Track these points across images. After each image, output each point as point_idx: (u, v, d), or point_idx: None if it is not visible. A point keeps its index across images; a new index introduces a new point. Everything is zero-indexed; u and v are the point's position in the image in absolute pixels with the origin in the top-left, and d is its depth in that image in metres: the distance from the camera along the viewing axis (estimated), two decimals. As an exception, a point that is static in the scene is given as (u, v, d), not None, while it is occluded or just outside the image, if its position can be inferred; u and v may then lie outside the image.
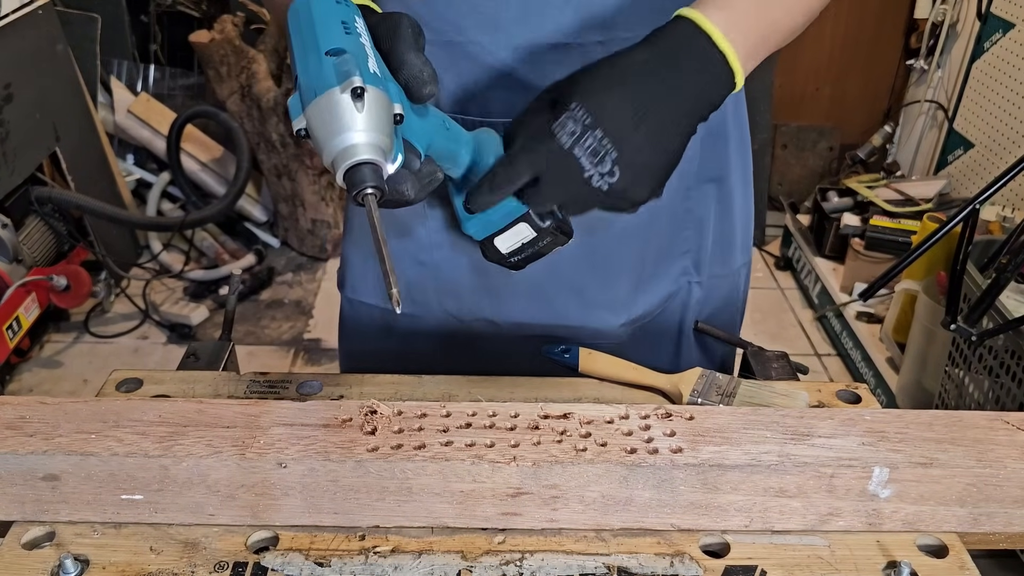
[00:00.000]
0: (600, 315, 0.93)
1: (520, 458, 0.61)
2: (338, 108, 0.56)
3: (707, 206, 0.94)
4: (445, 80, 0.81)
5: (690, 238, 0.95)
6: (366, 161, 0.56)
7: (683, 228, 0.94)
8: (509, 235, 0.72)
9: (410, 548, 0.62)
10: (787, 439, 0.64)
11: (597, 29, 0.77)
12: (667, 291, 0.96)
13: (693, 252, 0.96)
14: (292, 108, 0.58)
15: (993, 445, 0.64)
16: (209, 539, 0.62)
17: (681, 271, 0.96)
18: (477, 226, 0.73)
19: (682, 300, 0.99)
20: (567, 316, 0.93)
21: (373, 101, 0.57)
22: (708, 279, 0.99)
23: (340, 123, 0.56)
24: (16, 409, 0.65)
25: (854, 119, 3.45)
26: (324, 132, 0.56)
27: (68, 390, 2.48)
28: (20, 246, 2.41)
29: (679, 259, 0.96)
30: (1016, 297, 1.76)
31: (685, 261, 0.96)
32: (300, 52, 0.60)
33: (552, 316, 0.93)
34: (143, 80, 3.24)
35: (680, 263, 0.96)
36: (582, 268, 0.90)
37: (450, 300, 0.94)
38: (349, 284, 1.00)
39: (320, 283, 3.05)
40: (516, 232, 0.72)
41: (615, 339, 0.94)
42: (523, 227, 0.72)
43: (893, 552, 0.62)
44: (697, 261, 0.97)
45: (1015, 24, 2.58)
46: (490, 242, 0.73)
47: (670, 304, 0.98)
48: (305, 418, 0.65)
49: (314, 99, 0.56)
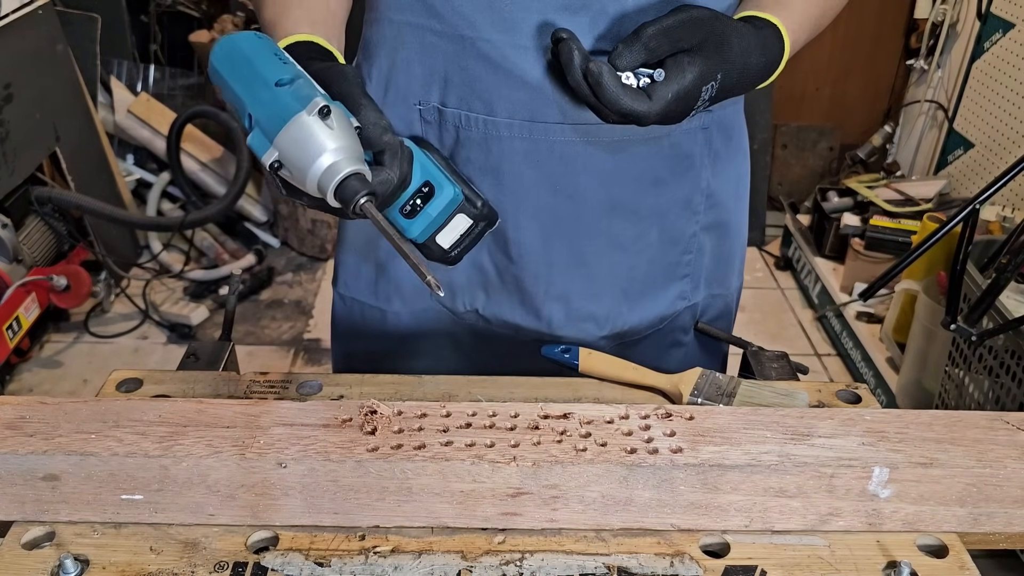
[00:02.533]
0: (583, 325, 0.94)
1: (520, 458, 0.61)
2: (310, 130, 0.57)
3: (708, 230, 0.95)
4: (450, 75, 0.81)
5: (691, 262, 0.95)
6: (353, 173, 0.58)
7: (685, 252, 0.94)
8: (448, 230, 0.76)
9: (410, 548, 0.62)
10: (787, 439, 0.64)
11: (611, 40, 0.78)
12: (660, 312, 0.96)
13: (692, 276, 0.96)
14: (257, 145, 0.59)
15: (993, 445, 0.64)
16: (209, 539, 0.62)
17: (678, 294, 0.97)
18: (419, 228, 0.75)
19: (683, 322, 0.99)
20: (551, 322, 0.93)
21: (337, 116, 0.59)
22: (705, 298, 0.99)
23: (316, 144, 0.57)
24: (16, 409, 0.65)
25: (854, 119, 3.45)
26: (301, 157, 0.57)
27: (68, 390, 2.48)
28: (20, 246, 2.41)
29: (677, 282, 0.96)
30: (1016, 297, 1.76)
31: (683, 285, 0.96)
32: (245, 90, 0.61)
33: (537, 321, 0.93)
34: (143, 80, 3.24)
35: (678, 286, 0.96)
36: (569, 276, 0.91)
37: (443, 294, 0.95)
38: (342, 281, 1.00)
39: (320, 283, 3.05)
40: (454, 226, 0.76)
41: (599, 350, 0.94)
42: (460, 219, 0.75)
43: (893, 552, 0.62)
44: (696, 284, 0.97)
45: (1015, 24, 2.58)
46: (432, 241, 0.76)
47: (668, 326, 0.98)
48: (305, 418, 0.65)
49: (281, 128, 0.57)
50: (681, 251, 0.94)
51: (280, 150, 0.58)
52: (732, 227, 0.98)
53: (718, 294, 1.01)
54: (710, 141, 0.88)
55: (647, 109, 0.67)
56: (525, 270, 0.90)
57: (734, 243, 0.99)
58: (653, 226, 0.89)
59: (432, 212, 0.74)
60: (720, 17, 0.70)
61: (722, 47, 0.69)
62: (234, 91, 0.62)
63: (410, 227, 0.74)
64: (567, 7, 0.76)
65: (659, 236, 0.91)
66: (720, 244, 0.97)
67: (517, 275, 0.90)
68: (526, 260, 0.89)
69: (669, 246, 0.92)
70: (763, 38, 0.74)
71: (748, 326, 2.83)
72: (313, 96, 0.58)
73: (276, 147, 0.58)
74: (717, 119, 0.88)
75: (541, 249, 0.88)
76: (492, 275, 0.92)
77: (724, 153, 0.91)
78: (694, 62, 0.68)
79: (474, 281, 0.93)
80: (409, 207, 0.74)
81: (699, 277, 0.97)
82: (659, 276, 0.94)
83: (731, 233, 0.98)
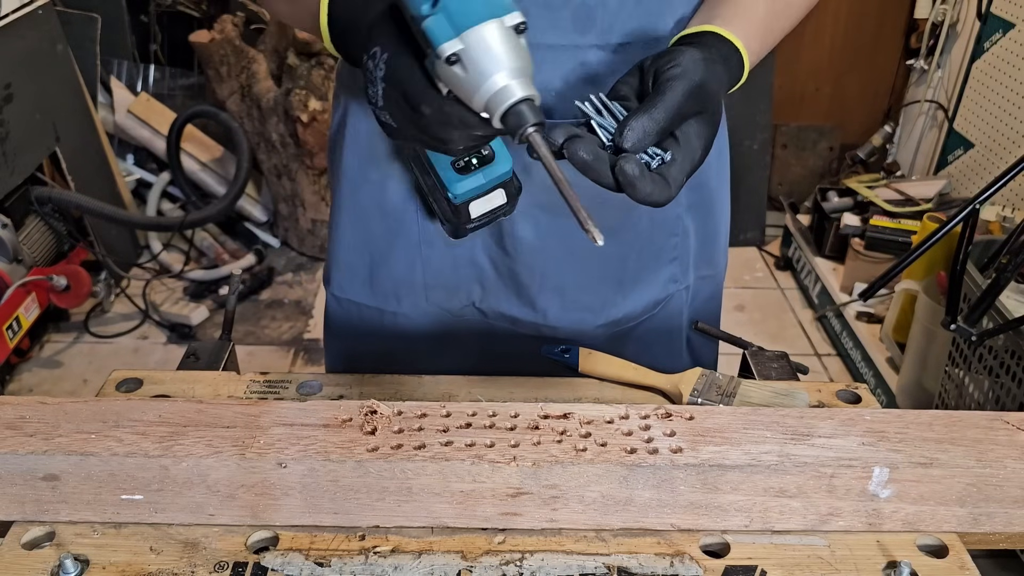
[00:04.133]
0: (579, 315, 0.94)
1: (520, 458, 0.61)
2: (504, 39, 0.53)
3: (692, 211, 0.95)
4: None
5: (678, 244, 0.95)
6: (527, 98, 0.54)
7: (671, 235, 0.94)
8: (484, 200, 0.72)
9: (410, 548, 0.62)
10: (787, 439, 0.64)
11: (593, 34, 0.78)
12: (653, 297, 0.97)
13: (681, 258, 0.96)
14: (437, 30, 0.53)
15: (993, 445, 0.64)
16: (209, 539, 0.62)
17: (669, 277, 0.97)
18: (465, 188, 0.71)
19: (676, 306, 0.99)
20: (547, 314, 0.93)
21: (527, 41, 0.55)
22: (695, 280, 1.00)
23: (503, 56, 0.53)
24: (16, 409, 0.65)
25: (854, 119, 3.45)
26: (483, 62, 0.53)
27: (68, 390, 2.48)
28: (20, 246, 2.41)
29: (667, 266, 0.96)
30: (1016, 297, 1.76)
31: (673, 268, 0.97)
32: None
33: (533, 313, 0.94)
34: (143, 80, 3.24)
35: (668, 270, 0.96)
36: (564, 268, 0.91)
37: (439, 293, 0.95)
38: (336, 282, 0.99)
39: (320, 283, 3.05)
40: (491, 199, 0.72)
41: (595, 340, 0.94)
42: (498, 194, 0.73)
43: (893, 552, 0.62)
44: (685, 266, 0.97)
45: (1015, 24, 2.58)
46: (465, 206, 0.73)
47: (662, 311, 0.98)
48: (305, 418, 0.65)
49: (475, 25, 0.53)
50: (667, 234, 0.94)
51: (466, 45, 0.53)
52: (716, 205, 0.98)
53: (707, 275, 1.01)
54: None
55: (668, 196, 0.63)
56: (521, 263, 0.90)
57: (718, 222, 0.99)
58: (643, 212, 0.89)
59: (483, 177, 0.71)
60: (705, 69, 0.65)
61: (712, 102, 0.66)
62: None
63: (457, 184, 0.71)
64: (547, 4, 0.76)
65: (649, 222, 0.91)
66: (705, 223, 0.97)
67: (513, 268, 0.91)
68: (521, 253, 0.89)
69: (656, 230, 0.93)
70: (729, 68, 0.71)
71: (748, 326, 2.83)
72: (513, 9, 0.54)
73: (463, 41, 0.53)
74: None
75: (535, 242, 0.89)
76: (488, 269, 0.92)
77: None
78: (701, 134, 0.64)
79: (470, 277, 0.93)
80: (463, 163, 0.71)
81: (687, 259, 0.97)
82: (650, 261, 0.94)
83: (715, 212, 0.98)
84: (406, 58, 0.58)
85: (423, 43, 0.55)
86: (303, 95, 2.80)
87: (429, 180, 0.73)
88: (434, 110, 0.58)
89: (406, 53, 0.58)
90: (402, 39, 0.59)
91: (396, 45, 0.59)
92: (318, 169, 2.97)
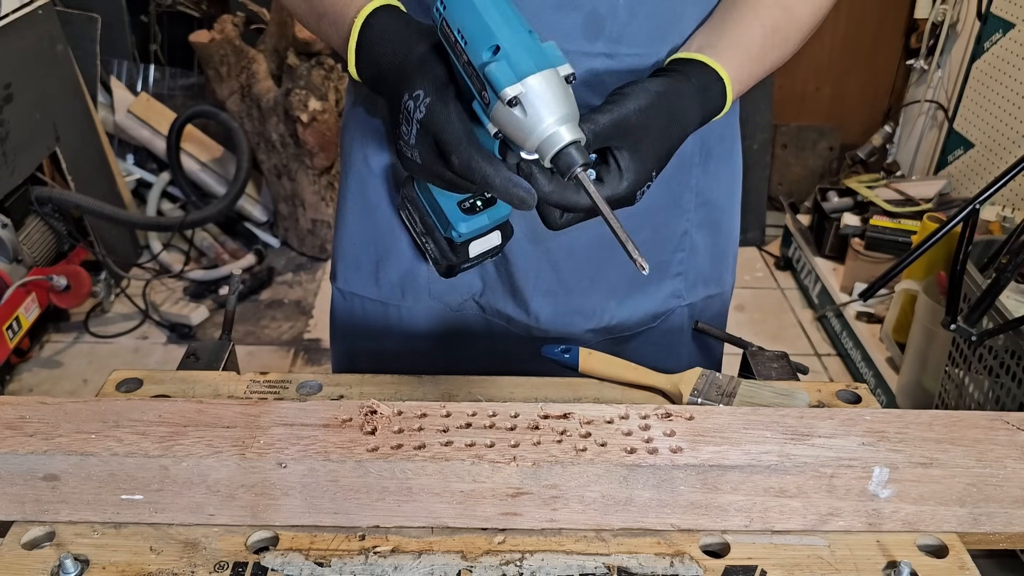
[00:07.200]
0: (571, 319, 0.94)
1: (520, 458, 0.61)
2: (559, 87, 0.59)
3: (702, 229, 0.95)
4: None
5: (684, 260, 0.95)
6: (575, 141, 0.59)
7: (677, 250, 0.94)
8: (483, 241, 0.76)
9: (410, 548, 0.62)
10: (787, 439, 0.64)
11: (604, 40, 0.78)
12: (652, 309, 0.97)
13: (686, 274, 0.96)
14: (500, 75, 0.58)
15: (993, 445, 0.64)
16: (209, 539, 0.62)
17: (671, 292, 0.97)
18: (469, 228, 0.75)
19: (677, 321, 0.99)
20: (539, 317, 0.94)
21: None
22: (702, 300, 1.00)
23: (558, 103, 0.59)
24: (16, 409, 0.65)
25: (854, 119, 3.45)
26: (540, 107, 0.58)
27: (68, 390, 2.48)
28: (20, 246, 2.41)
29: (670, 280, 0.96)
30: (1016, 297, 1.76)
31: (676, 283, 0.97)
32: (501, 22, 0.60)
33: (526, 315, 0.94)
34: (143, 80, 3.24)
35: (670, 284, 0.96)
36: (558, 273, 0.91)
37: (441, 286, 0.95)
38: (341, 276, 1.00)
39: (320, 283, 3.05)
40: (488, 240, 0.77)
41: (588, 345, 0.94)
42: (495, 235, 0.77)
43: (893, 552, 0.62)
44: (690, 283, 0.97)
45: (1015, 24, 2.58)
46: (465, 245, 0.76)
47: (662, 324, 0.98)
48: (305, 418, 0.65)
49: (535, 72, 0.58)
50: (672, 249, 0.94)
51: (526, 89, 0.58)
52: (725, 225, 0.98)
53: (715, 294, 1.01)
54: (702, 140, 0.89)
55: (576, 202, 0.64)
56: (515, 266, 0.91)
57: (728, 241, 1.00)
58: (644, 225, 0.90)
59: (487, 218, 0.75)
60: (656, 103, 0.67)
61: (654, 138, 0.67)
62: (483, 17, 0.61)
63: (462, 223, 0.75)
64: (560, 7, 0.76)
65: (652, 235, 0.91)
66: (715, 243, 0.97)
67: (509, 270, 0.91)
68: (516, 256, 0.90)
69: (660, 244, 0.93)
70: (707, 99, 0.72)
71: (748, 326, 2.83)
72: (565, 61, 0.60)
73: (524, 85, 0.58)
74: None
75: (530, 246, 0.89)
76: (488, 265, 0.93)
77: (717, 152, 0.92)
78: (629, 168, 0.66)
79: (473, 271, 0.93)
80: (468, 204, 0.74)
81: (694, 276, 0.97)
82: (650, 274, 0.94)
83: (724, 232, 0.98)
84: (447, 107, 0.63)
85: (477, 87, 0.60)
86: (303, 95, 2.80)
87: (429, 220, 0.77)
88: (462, 162, 0.62)
89: (449, 101, 0.63)
90: (446, 86, 0.64)
91: (439, 91, 0.63)
92: (318, 169, 2.97)
